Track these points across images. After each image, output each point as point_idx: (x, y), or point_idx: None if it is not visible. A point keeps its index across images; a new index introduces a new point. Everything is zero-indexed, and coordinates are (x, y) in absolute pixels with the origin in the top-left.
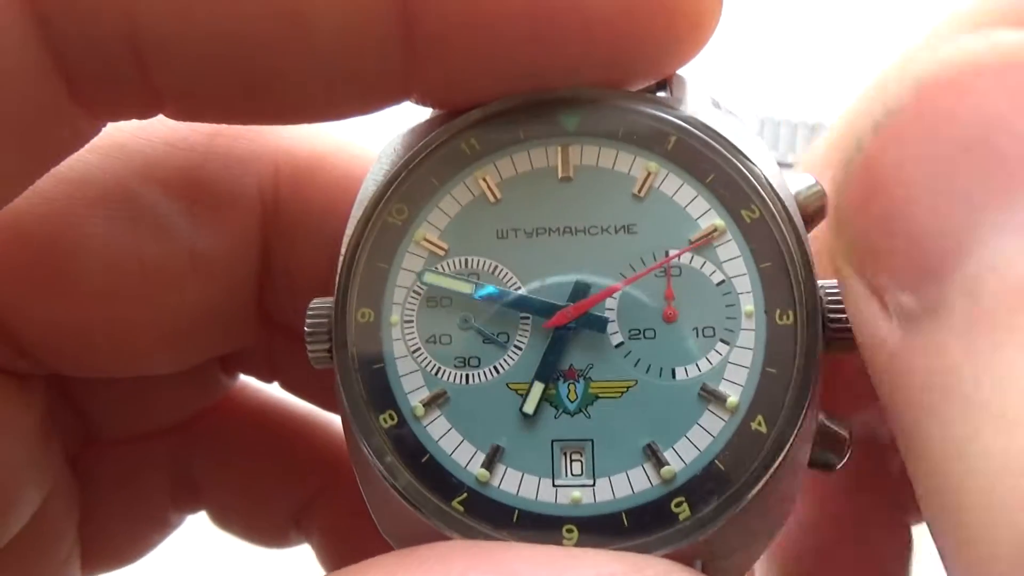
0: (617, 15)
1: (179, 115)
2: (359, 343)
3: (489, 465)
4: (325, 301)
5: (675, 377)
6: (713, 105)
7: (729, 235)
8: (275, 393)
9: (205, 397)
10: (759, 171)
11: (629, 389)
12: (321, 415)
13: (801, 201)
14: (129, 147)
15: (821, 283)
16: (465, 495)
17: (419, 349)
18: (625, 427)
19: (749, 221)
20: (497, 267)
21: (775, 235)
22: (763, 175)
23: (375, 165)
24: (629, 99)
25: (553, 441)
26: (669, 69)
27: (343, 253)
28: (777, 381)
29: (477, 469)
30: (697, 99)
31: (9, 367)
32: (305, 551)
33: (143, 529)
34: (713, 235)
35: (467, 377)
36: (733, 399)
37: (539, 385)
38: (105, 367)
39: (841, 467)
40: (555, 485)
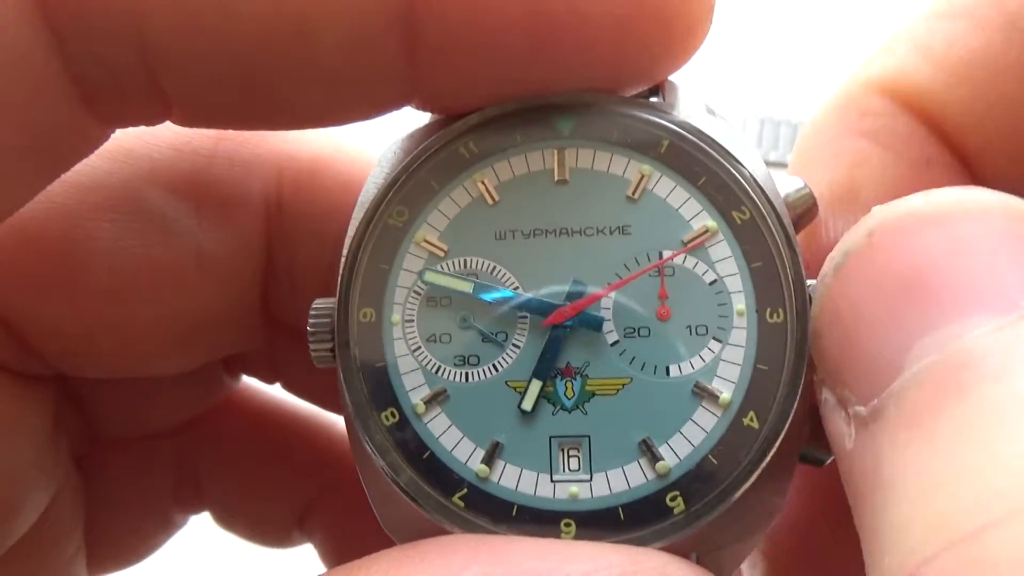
0: (612, 24)
1: (186, 122)
2: (361, 342)
3: (489, 461)
4: (327, 301)
5: (669, 374)
6: (705, 110)
7: (721, 236)
8: (278, 394)
9: (209, 398)
10: (749, 174)
11: (624, 386)
12: (323, 416)
13: (790, 203)
14: (136, 151)
15: (810, 282)
16: (465, 491)
17: (420, 348)
18: (621, 423)
19: (740, 222)
20: (495, 267)
21: (765, 236)
22: (753, 178)
23: (376, 168)
24: (623, 104)
25: (551, 437)
26: (662, 75)
27: (345, 254)
28: (768, 378)
29: (477, 465)
30: (689, 104)
31: (17, 368)
32: (308, 551)
33: (147, 529)
34: (705, 236)
35: (467, 375)
36: (726, 396)
37: (537, 383)
38: (112, 368)
39: (831, 461)
40: (553, 480)
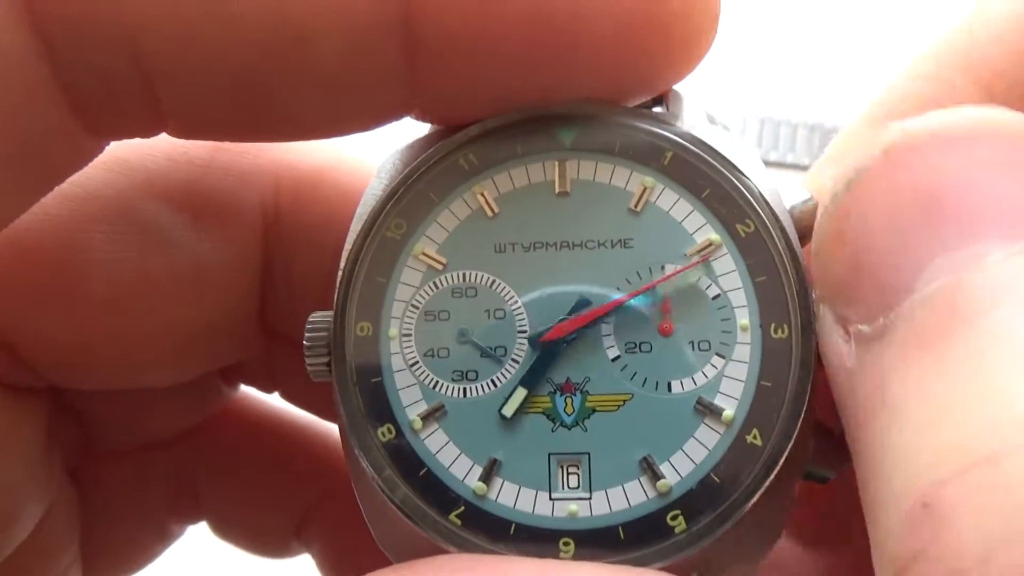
0: (614, 34)
1: (182, 133)
2: (358, 356)
3: (486, 478)
4: (324, 314)
5: (671, 390)
6: (709, 120)
7: (725, 249)
8: (276, 403)
9: (206, 408)
10: (754, 186)
11: (626, 402)
12: (322, 425)
13: (796, 215)
14: (131, 162)
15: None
16: (462, 508)
17: (417, 363)
18: (621, 440)
19: (744, 235)
20: (495, 281)
21: (770, 249)
22: (758, 190)
23: (374, 180)
24: (625, 115)
25: (550, 454)
26: (665, 85)
27: (342, 267)
28: (772, 394)
29: (474, 482)
30: (693, 114)
31: (9, 381)
32: (306, 561)
33: (144, 540)
34: (709, 249)
35: (465, 391)
36: (729, 412)
37: (522, 391)
38: (107, 380)
39: (836, 479)
40: (552, 498)
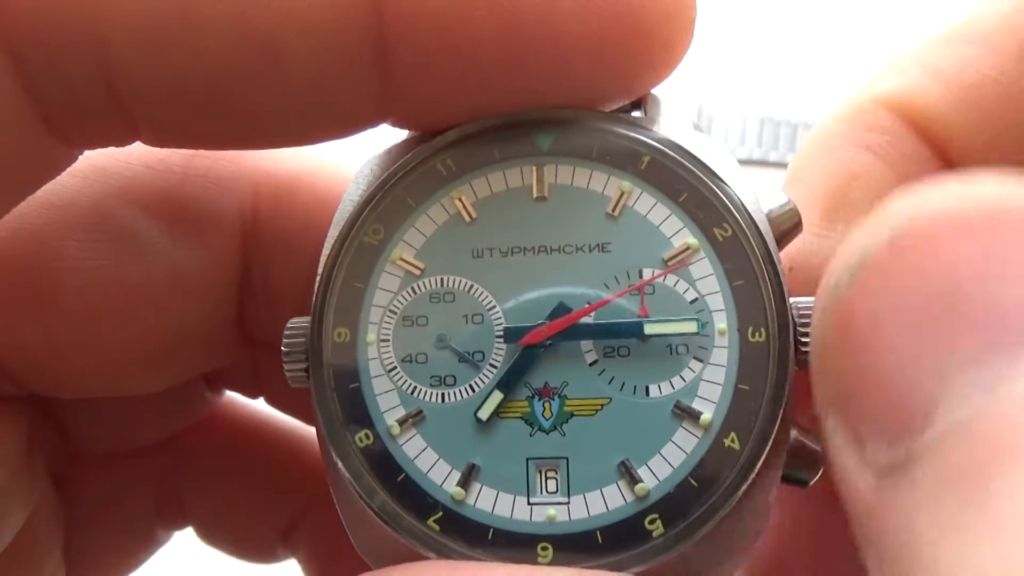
0: (589, 38)
1: (156, 142)
2: (335, 362)
3: (465, 483)
4: (302, 320)
5: (649, 394)
6: (688, 125)
7: (702, 253)
8: (261, 409)
9: (190, 414)
10: (731, 190)
11: (604, 407)
12: (308, 431)
13: (774, 219)
14: (107, 169)
15: (793, 300)
16: (440, 514)
17: (395, 368)
18: (599, 445)
19: (722, 239)
20: (473, 286)
21: (747, 253)
22: (735, 194)
23: (352, 186)
24: (603, 119)
25: (528, 459)
26: (642, 89)
27: (320, 273)
28: (750, 398)
29: (453, 488)
30: (671, 119)
31: None
32: (292, 566)
33: (129, 546)
34: (686, 254)
35: (443, 396)
36: (706, 416)
37: (498, 394)
38: (86, 388)
39: (814, 482)
40: (530, 503)
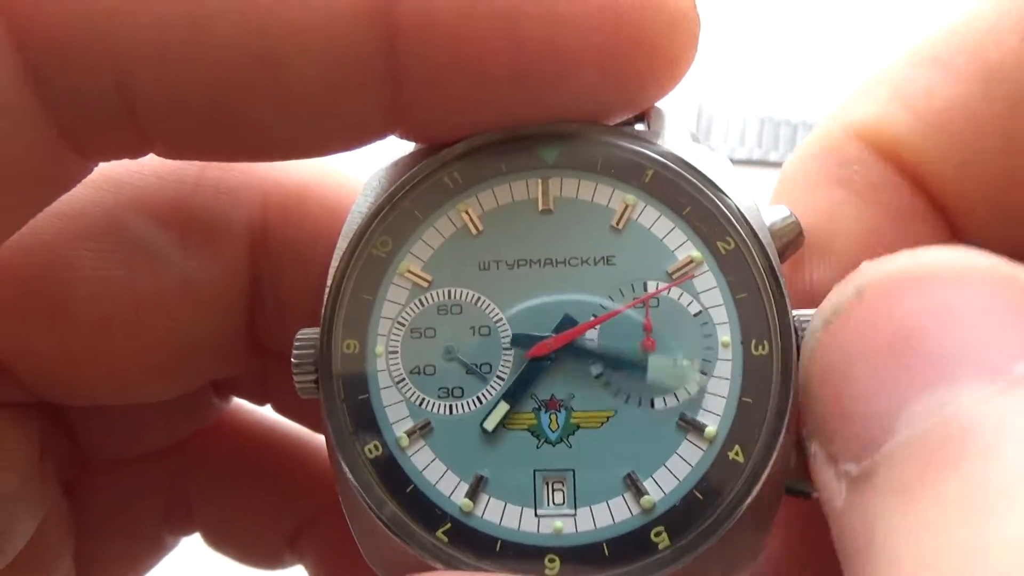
0: (594, 53)
1: (169, 154)
2: (344, 374)
3: (473, 495)
4: (312, 331)
5: (654, 407)
6: (691, 138)
7: (706, 266)
8: (269, 415)
9: (199, 420)
10: (734, 204)
11: (609, 419)
12: (315, 438)
13: (776, 232)
14: (119, 179)
15: (796, 313)
16: (449, 525)
17: (403, 380)
18: (605, 457)
19: (725, 253)
20: (480, 298)
21: (750, 266)
22: (737, 207)
23: (360, 197)
24: (607, 133)
25: (535, 471)
26: (646, 104)
27: (329, 285)
28: (754, 411)
29: (461, 499)
30: (675, 132)
31: (1, 397)
32: (299, 572)
33: (137, 552)
34: (690, 267)
35: (451, 407)
36: (711, 429)
37: (504, 405)
38: (97, 396)
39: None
40: (537, 515)
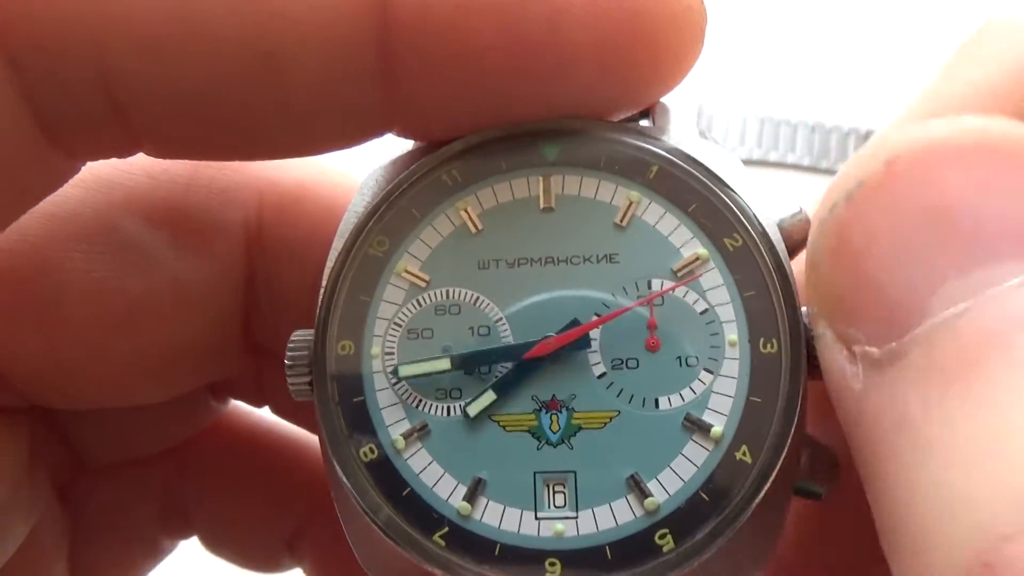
0: (596, 48)
1: (159, 153)
2: (339, 375)
3: (471, 498)
4: (306, 333)
5: (658, 407)
6: (697, 133)
7: (712, 264)
8: (266, 417)
9: (195, 423)
10: (741, 199)
11: (612, 420)
12: (313, 439)
13: (785, 229)
14: (110, 180)
15: (805, 310)
16: (446, 529)
17: (400, 381)
18: (608, 458)
19: (732, 249)
20: (479, 298)
21: (758, 263)
22: (745, 204)
23: (356, 196)
24: (610, 129)
25: (535, 473)
26: (651, 99)
27: (324, 285)
28: (762, 410)
29: (459, 502)
30: (680, 128)
31: None
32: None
33: (134, 556)
34: (696, 264)
35: (448, 409)
36: (717, 429)
37: (491, 394)
38: (90, 399)
39: (829, 495)
40: (538, 517)
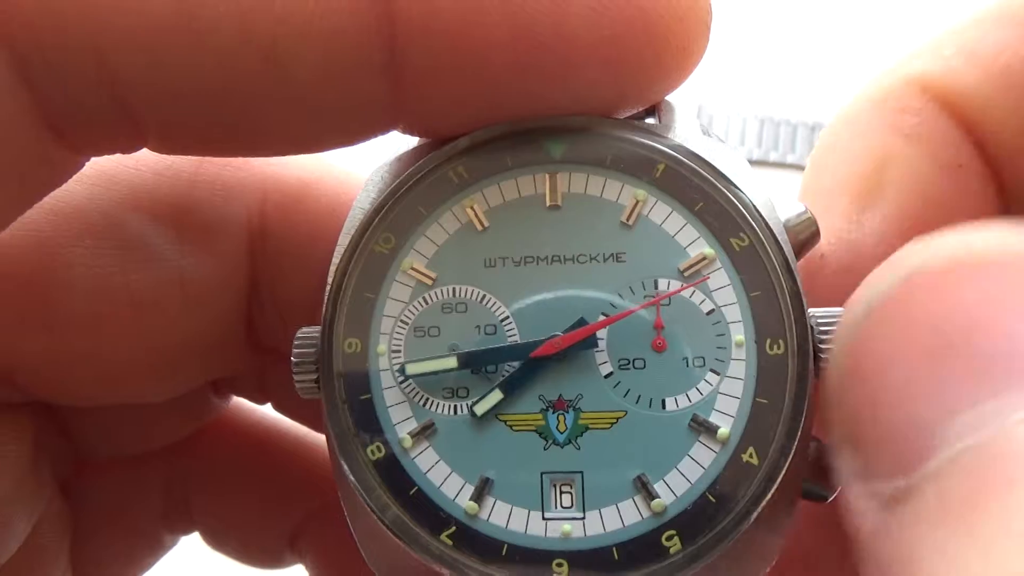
0: (602, 45)
1: (162, 149)
2: (346, 373)
3: (478, 498)
4: (312, 330)
5: (665, 408)
6: (702, 131)
7: (719, 263)
8: (269, 413)
9: (197, 419)
10: (748, 199)
11: (619, 420)
12: (315, 435)
13: (791, 229)
14: (116, 177)
15: (812, 312)
16: (454, 528)
17: (407, 380)
18: (615, 459)
19: (739, 249)
20: (485, 296)
21: (765, 264)
22: (752, 203)
23: (362, 193)
24: (616, 127)
25: (543, 473)
26: (656, 97)
27: (330, 282)
28: (768, 411)
29: (466, 502)
30: (686, 125)
31: None
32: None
33: (135, 551)
34: (702, 263)
35: (455, 408)
36: (724, 430)
37: (497, 393)
38: (92, 396)
39: (835, 497)
40: (545, 518)
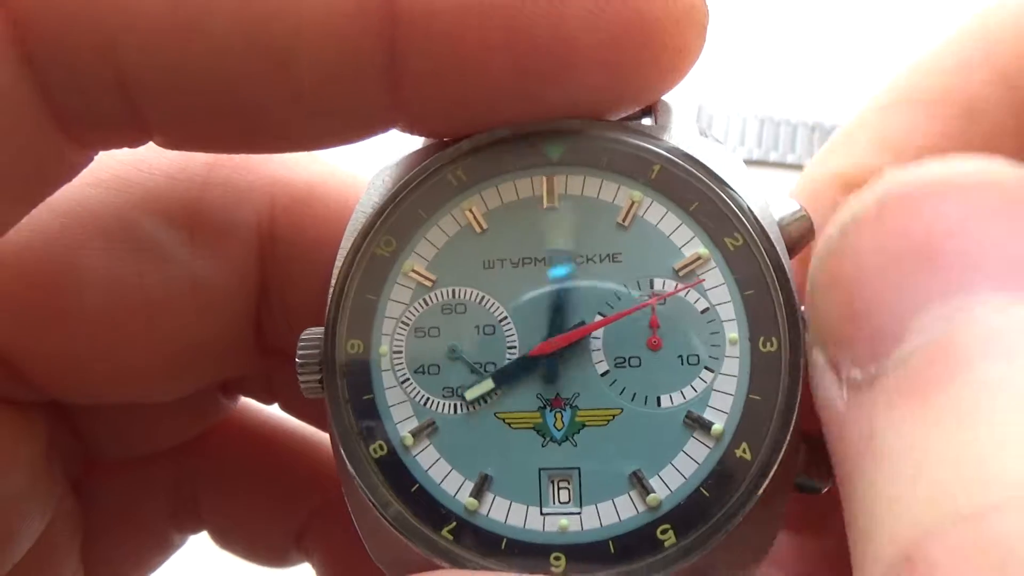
0: (599, 48)
1: (168, 144)
2: (349, 374)
3: (478, 494)
4: (316, 331)
5: (660, 405)
6: (698, 132)
7: (713, 263)
8: (276, 413)
9: (206, 419)
10: (742, 199)
11: (615, 417)
12: (321, 435)
13: (785, 227)
14: (129, 179)
15: (804, 308)
16: (454, 524)
17: (408, 380)
18: (611, 455)
19: (733, 249)
20: (484, 297)
21: (759, 263)
22: (746, 203)
23: (364, 196)
24: (613, 129)
25: (540, 469)
26: (652, 98)
27: (333, 284)
28: (762, 408)
29: (466, 498)
30: (682, 126)
31: (9, 396)
32: (306, 570)
33: (144, 550)
34: (697, 263)
35: (455, 407)
36: (718, 426)
37: (489, 382)
38: (105, 395)
39: (828, 490)
40: (543, 513)
